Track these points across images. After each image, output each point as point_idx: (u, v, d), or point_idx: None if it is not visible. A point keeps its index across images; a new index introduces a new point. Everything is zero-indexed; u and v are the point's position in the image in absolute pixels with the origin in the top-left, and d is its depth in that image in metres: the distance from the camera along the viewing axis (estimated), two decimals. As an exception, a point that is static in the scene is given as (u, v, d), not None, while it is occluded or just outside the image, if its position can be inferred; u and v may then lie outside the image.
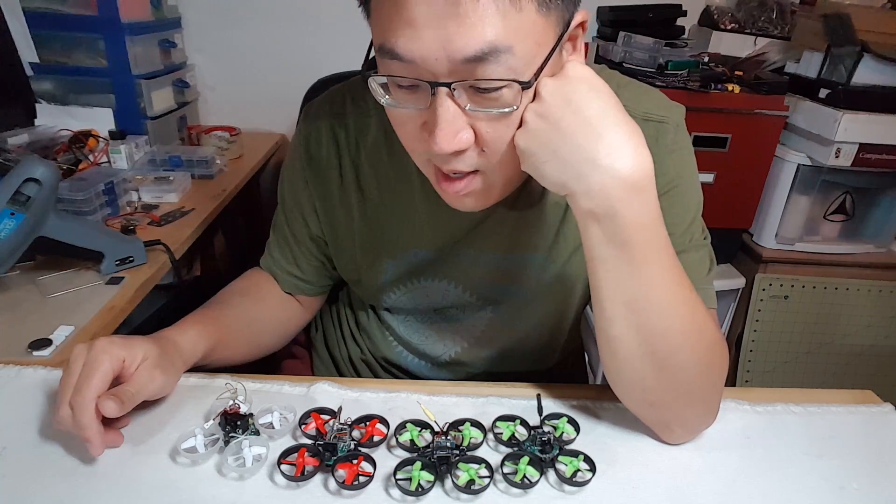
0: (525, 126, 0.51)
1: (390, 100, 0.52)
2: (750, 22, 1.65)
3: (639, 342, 0.55)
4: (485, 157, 0.53)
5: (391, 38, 0.47)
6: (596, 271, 0.54)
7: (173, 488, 0.52)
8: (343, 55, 1.74)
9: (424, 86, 0.48)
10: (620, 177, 0.49)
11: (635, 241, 0.51)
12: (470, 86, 0.48)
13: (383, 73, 0.50)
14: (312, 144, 0.71)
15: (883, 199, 1.62)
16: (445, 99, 0.48)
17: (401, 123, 0.55)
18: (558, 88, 0.50)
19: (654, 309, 0.53)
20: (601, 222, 0.51)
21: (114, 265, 0.91)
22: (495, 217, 0.69)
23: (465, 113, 0.49)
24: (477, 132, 0.51)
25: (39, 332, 0.75)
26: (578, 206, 0.52)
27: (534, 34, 0.47)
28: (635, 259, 0.52)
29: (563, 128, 0.49)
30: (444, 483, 0.54)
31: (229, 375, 0.66)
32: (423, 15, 0.44)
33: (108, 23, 1.39)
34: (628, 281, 0.53)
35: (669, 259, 0.54)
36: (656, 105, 0.65)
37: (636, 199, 0.50)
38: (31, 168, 0.79)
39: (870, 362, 1.72)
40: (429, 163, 0.56)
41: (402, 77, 0.49)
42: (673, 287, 0.54)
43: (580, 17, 0.52)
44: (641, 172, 0.50)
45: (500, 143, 0.52)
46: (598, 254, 0.53)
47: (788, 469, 0.58)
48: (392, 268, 0.74)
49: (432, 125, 0.49)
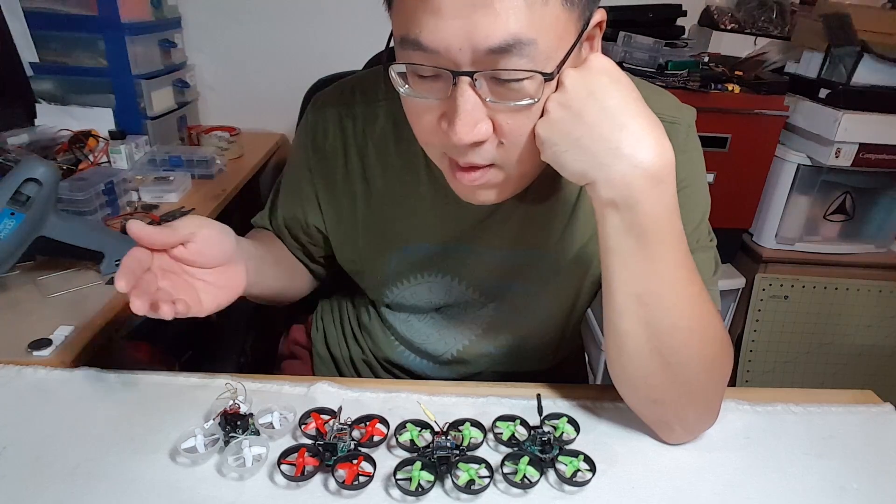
0: (547, 115, 0.51)
1: (409, 90, 0.52)
2: (750, 22, 1.65)
3: (648, 337, 0.55)
4: (502, 150, 0.53)
5: (415, 27, 0.47)
6: (611, 263, 0.54)
7: (173, 488, 0.52)
8: (343, 55, 1.72)
9: (446, 75, 0.48)
10: (642, 167, 0.50)
11: (652, 233, 0.52)
12: (492, 76, 0.48)
13: (404, 61, 0.50)
14: (319, 133, 0.72)
15: (883, 199, 1.62)
16: (466, 89, 0.48)
17: (418, 115, 0.54)
18: (581, 79, 0.50)
19: (665, 304, 0.54)
20: (620, 212, 0.51)
21: (114, 265, 0.91)
22: (502, 212, 0.68)
23: (485, 104, 0.49)
24: (496, 124, 0.51)
25: (39, 332, 0.75)
26: (598, 195, 0.52)
27: (556, 28, 0.47)
28: (651, 251, 0.52)
29: (585, 117, 0.50)
30: (444, 483, 0.54)
31: (229, 375, 0.66)
32: (449, 4, 0.44)
33: (108, 23, 1.39)
34: (642, 274, 0.53)
35: (683, 254, 0.54)
36: (668, 106, 0.65)
37: (656, 190, 0.51)
38: (31, 168, 0.79)
39: (870, 362, 1.72)
40: (444, 156, 0.56)
41: (424, 66, 0.49)
42: (685, 283, 0.54)
43: (598, 17, 0.52)
44: (663, 163, 0.50)
45: (519, 135, 0.52)
46: (614, 245, 0.53)
47: (788, 469, 0.58)
48: (395, 260, 0.74)
49: (452, 115, 0.49)
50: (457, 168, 0.55)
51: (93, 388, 0.64)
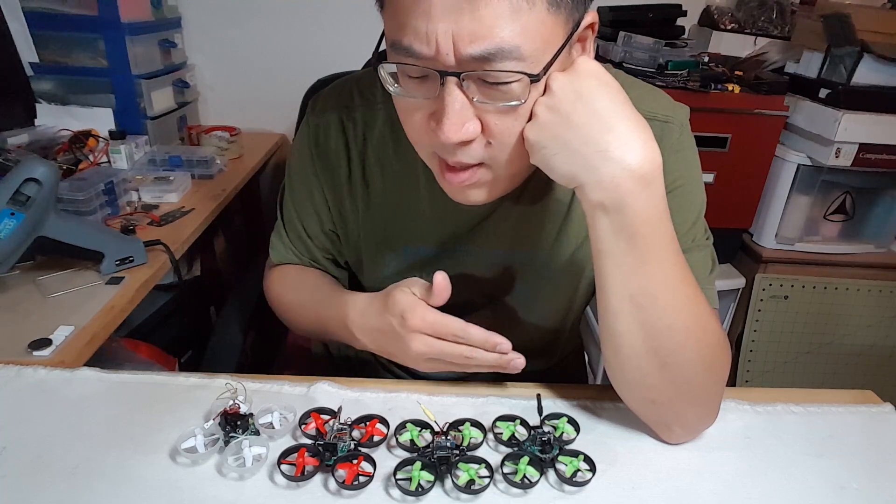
0: (535, 119, 0.51)
1: (399, 89, 0.53)
2: (750, 22, 1.65)
3: (643, 338, 0.55)
4: (491, 150, 0.53)
5: (405, 29, 0.47)
6: (603, 265, 0.54)
7: (173, 488, 0.52)
8: (343, 55, 1.73)
9: (434, 75, 0.49)
10: (631, 169, 0.50)
11: (643, 235, 0.52)
12: (479, 77, 0.48)
13: (394, 62, 0.51)
14: (321, 137, 0.72)
15: (883, 199, 1.62)
16: (454, 89, 0.49)
17: (408, 114, 0.55)
18: (569, 83, 0.51)
19: (659, 304, 0.54)
20: (610, 214, 0.52)
21: (114, 265, 0.91)
22: (498, 214, 0.69)
23: (472, 104, 0.50)
24: (484, 124, 0.51)
25: (39, 332, 0.75)
26: (588, 198, 0.52)
27: (542, 33, 0.48)
28: (642, 253, 0.52)
29: (573, 120, 0.50)
30: (444, 483, 0.54)
31: (229, 376, 0.66)
32: (438, 8, 0.45)
33: (108, 23, 1.39)
34: (635, 275, 0.53)
35: (675, 255, 0.54)
36: (661, 105, 0.65)
37: (645, 191, 0.51)
38: (31, 168, 0.79)
39: (870, 362, 1.72)
40: (434, 155, 0.57)
41: (413, 65, 0.49)
42: (678, 283, 0.54)
43: (590, 19, 0.52)
44: (651, 165, 0.51)
45: (507, 136, 0.52)
46: (605, 247, 0.53)
47: (788, 469, 0.58)
48: (394, 262, 0.74)
49: (440, 115, 0.50)
50: (446, 168, 0.56)
51: (93, 388, 0.64)
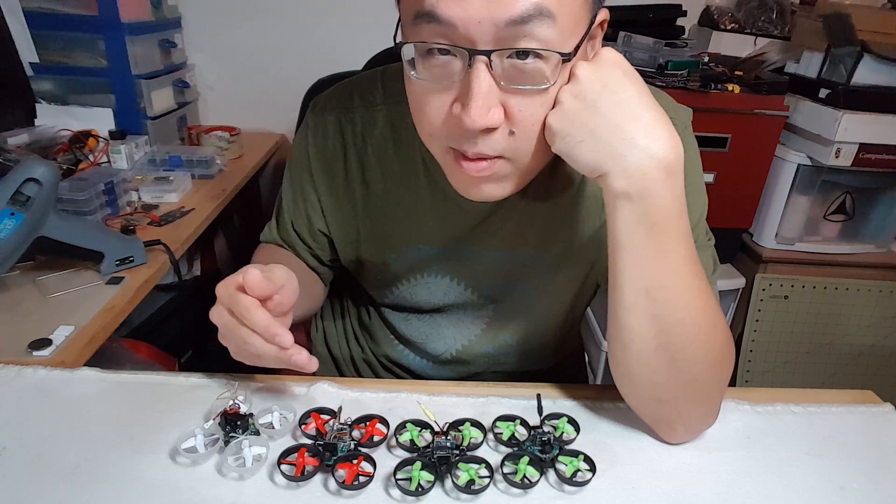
0: (560, 106, 0.51)
1: (420, 73, 0.51)
2: (750, 22, 1.65)
3: (655, 333, 0.55)
4: (513, 141, 0.52)
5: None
6: (621, 257, 0.54)
7: (173, 488, 0.52)
8: (343, 55, 1.73)
9: (461, 54, 0.48)
10: (657, 157, 0.50)
11: (663, 226, 0.52)
12: (508, 56, 0.48)
13: (417, 40, 0.49)
14: (319, 137, 0.72)
15: (883, 199, 1.62)
16: (482, 69, 0.48)
17: (425, 103, 0.53)
18: (594, 71, 0.51)
19: (673, 298, 0.54)
20: (633, 203, 0.51)
21: (114, 265, 0.91)
22: (500, 214, 0.68)
23: (499, 88, 0.49)
24: (508, 111, 0.51)
25: (39, 332, 0.75)
26: (611, 186, 0.52)
27: (574, 8, 0.48)
28: (661, 244, 0.52)
29: (600, 108, 0.50)
30: (444, 483, 0.54)
31: (229, 375, 0.66)
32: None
33: (108, 23, 1.39)
34: (652, 267, 0.53)
35: (690, 249, 0.54)
36: (666, 106, 0.65)
37: (668, 181, 0.51)
38: (31, 168, 0.79)
39: (870, 362, 1.72)
40: (448, 151, 0.55)
41: (439, 43, 0.48)
42: (692, 277, 0.54)
43: (602, 15, 0.53)
44: (675, 154, 0.51)
45: (530, 124, 0.52)
46: (625, 238, 0.53)
47: (788, 469, 0.58)
48: (396, 262, 0.74)
49: (465, 98, 0.49)
50: (462, 158, 0.54)
51: (93, 388, 0.64)
